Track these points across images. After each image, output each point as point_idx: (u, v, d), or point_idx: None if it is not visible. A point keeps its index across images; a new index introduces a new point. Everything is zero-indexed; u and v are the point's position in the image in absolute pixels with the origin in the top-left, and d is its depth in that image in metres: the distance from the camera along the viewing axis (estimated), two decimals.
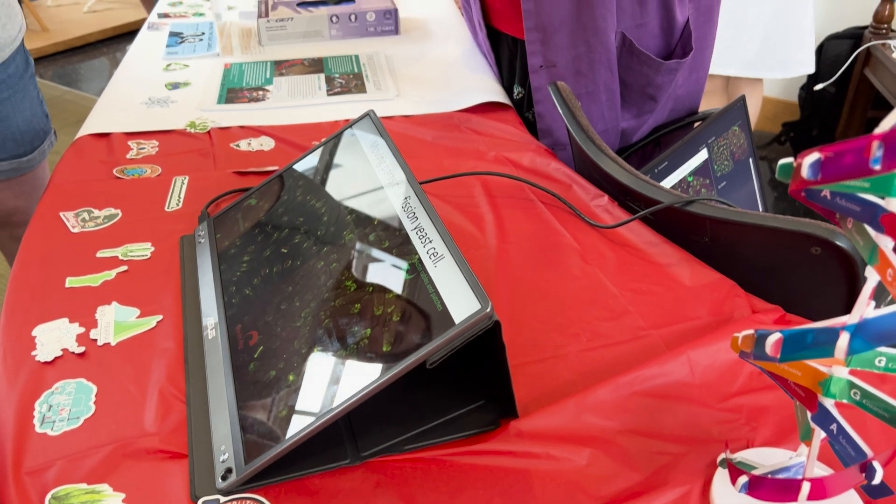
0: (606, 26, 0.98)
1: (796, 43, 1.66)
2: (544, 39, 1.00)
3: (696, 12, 1.05)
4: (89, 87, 3.19)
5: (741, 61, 1.68)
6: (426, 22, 1.38)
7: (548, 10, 0.98)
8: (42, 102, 1.19)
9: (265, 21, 1.26)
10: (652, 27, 1.02)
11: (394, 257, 0.56)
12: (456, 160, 0.91)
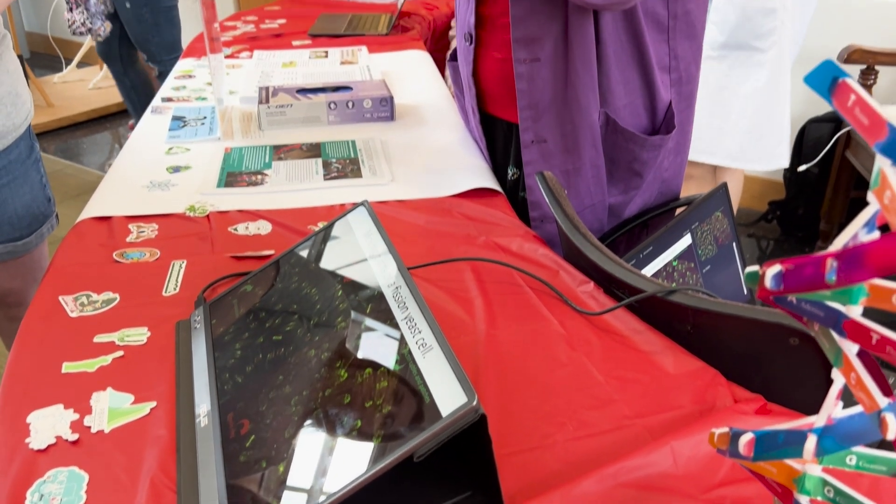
0: (589, 106, 1.03)
1: (775, 138, 1.74)
2: (535, 117, 1.05)
3: (678, 97, 1.10)
4: (90, 160, 3.26)
5: (726, 152, 1.76)
6: (420, 108, 1.43)
7: (538, 90, 1.04)
8: (45, 186, 1.22)
9: (265, 107, 1.31)
10: (636, 107, 1.07)
11: (384, 347, 0.58)
12: (447, 245, 0.93)
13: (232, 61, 1.74)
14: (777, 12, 1.63)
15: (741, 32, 1.66)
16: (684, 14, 1.04)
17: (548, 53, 1.01)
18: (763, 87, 1.69)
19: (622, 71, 1.04)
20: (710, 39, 1.71)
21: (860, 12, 2.26)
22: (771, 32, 1.65)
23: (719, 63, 1.72)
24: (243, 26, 2.10)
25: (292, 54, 1.81)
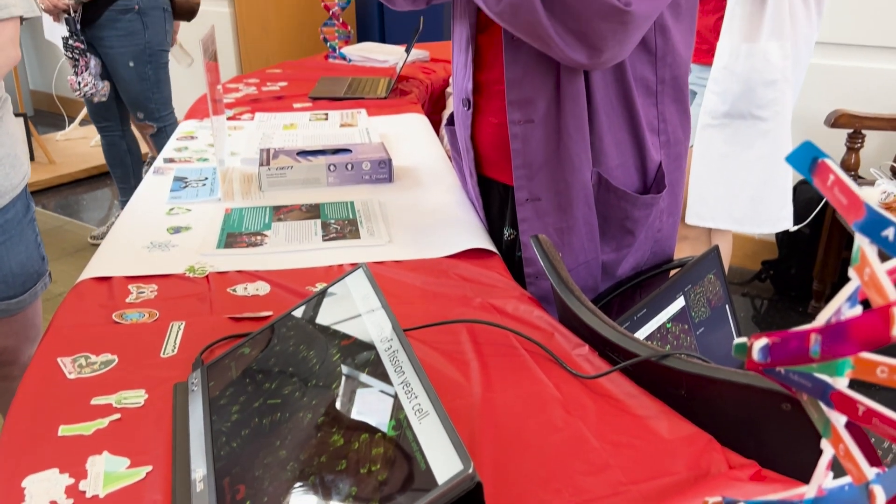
0: (582, 166, 1.06)
1: (779, 203, 1.77)
2: (530, 175, 1.08)
3: (668, 158, 1.13)
4: (90, 217, 3.28)
5: (731, 217, 1.78)
6: (418, 170, 1.46)
7: (532, 150, 1.07)
8: (39, 245, 1.24)
9: (266, 169, 1.33)
10: (628, 167, 1.10)
11: (380, 412, 0.58)
12: (443, 306, 0.95)
13: (234, 123, 1.78)
14: (778, 83, 1.67)
15: (743, 102, 1.71)
16: (672, 79, 1.08)
17: (541, 115, 1.05)
18: (766, 154, 1.72)
19: (614, 132, 1.07)
20: (711, 108, 1.76)
21: (847, 78, 2.33)
22: (773, 102, 1.69)
23: (721, 131, 1.76)
24: (245, 88, 2.15)
25: (293, 116, 1.85)
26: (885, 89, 2.27)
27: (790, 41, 1.66)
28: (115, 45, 2.54)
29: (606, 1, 0.90)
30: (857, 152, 2.14)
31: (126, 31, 2.55)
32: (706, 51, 1.74)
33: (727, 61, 1.70)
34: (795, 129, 2.39)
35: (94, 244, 2.97)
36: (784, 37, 1.65)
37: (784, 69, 1.67)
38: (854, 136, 2.13)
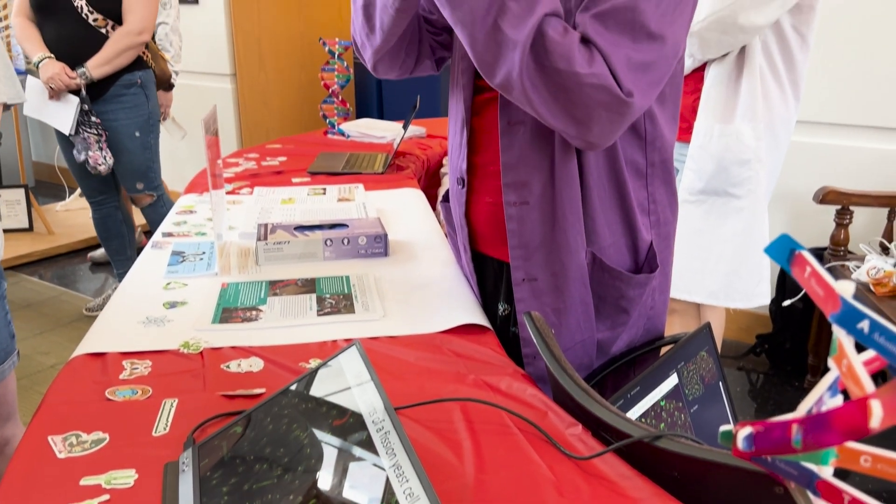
0: (577, 246, 1.08)
1: (755, 278, 1.80)
2: (526, 256, 1.10)
3: (658, 237, 1.15)
4: (86, 287, 3.29)
5: (706, 291, 1.81)
6: (413, 245, 1.48)
7: (528, 231, 1.09)
8: (9, 323, 1.24)
9: (264, 244, 1.35)
10: (620, 246, 1.12)
11: (372, 497, 0.58)
12: (437, 383, 0.95)
13: (233, 197, 1.81)
14: (752, 162, 1.72)
15: (717, 181, 1.75)
16: (661, 162, 1.11)
17: (536, 197, 1.07)
18: (741, 231, 1.76)
19: (605, 213, 1.09)
20: (689, 185, 1.80)
21: (834, 156, 2.39)
22: (747, 181, 1.73)
23: (697, 207, 1.80)
24: (245, 163, 2.20)
25: (291, 191, 1.88)
26: (871, 167, 2.33)
27: (763, 123, 1.71)
28: (121, 117, 2.61)
29: (609, 88, 0.91)
30: (846, 228, 2.18)
31: (132, 104, 2.63)
32: (685, 129, 1.80)
33: (702, 141, 1.75)
34: (785, 206, 2.44)
35: (89, 315, 2.97)
36: (757, 119, 1.70)
37: (757, 149, 1.71)
38: (842, 212, 2.17)
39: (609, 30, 0.91)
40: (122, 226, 2.86)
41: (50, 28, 2.49)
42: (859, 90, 2.31)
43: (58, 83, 2.46)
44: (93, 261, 3.55)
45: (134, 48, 2.56)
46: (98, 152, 2.58)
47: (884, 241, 2.18)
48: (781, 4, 1.61)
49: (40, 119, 2.60)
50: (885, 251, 2.14)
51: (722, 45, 1.66)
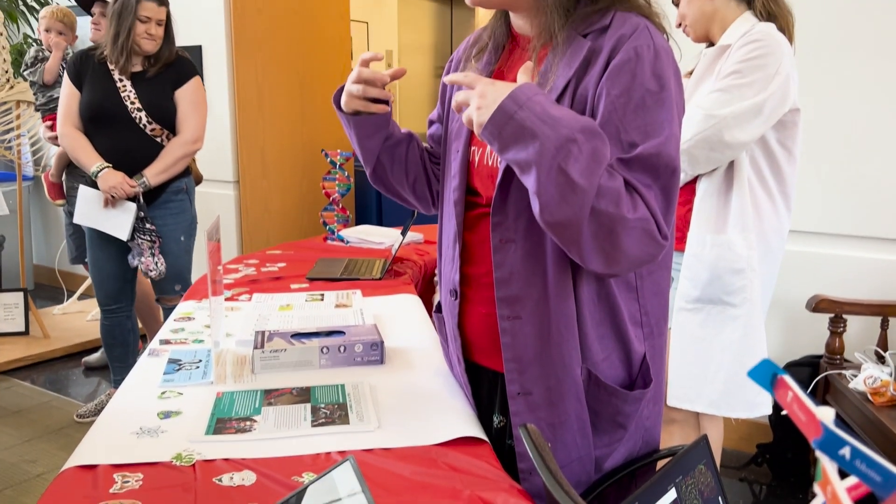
0: (572, 362, 1.08)
1: (755, 388, 1.79)
2: (520, 370, 1.10)
3: (652, 349, 1.16)
4: (78, 392, 3.25)
5: (707, 400, 1.80)
6: (409, 352, 1.49)
7: (522, 345, 1.09)
8: None
9: (260, 352, 1.36)
10: (613, 360, 1.12)
11: None
12: (432, 499, 0.93)
13: (231, 304, 1.83)
14: (745, 272, 1.75)
15: (712, 289, 1.78)
16: (649, 274, 1.12)
17: (529, 312, 1.08)
18: (738, 339, 1.77)
19: (597, 327, 1.10)
20: (684, 293, 1.82)
21: (827, 264, 2.43)
22: (741, 290, 1.76)
23: (694, 315, 1.82)
24: (245, 269, 2.23)
25: (289, 297, 1.90)
26: (862, 276, 2.37)
27: (755, 233, 1.75)
28: (170, 222, 2.66)
29: (651, 233, 0.96)
30: (840, 336, 2.19)
31: (178, 210, 2.70)
32: (679, 239, 1.84)
33: (696, 250, 1.79)
34: (778, 314, 2.46)
35: (80, 422, 2.92)
36: (748, 229, 1.74)
37: (750, 258, 1.75)
38: (836, 320, 2.19)
39: (640, 173, 0.97)
40: (130, 334, 2.85)
41: (104, 138, 2.56)
42: (851, 201, 2.38)
43: (119, 192, 2.51)
44: (87, 365, 3.53)
45: (189, 156, 2.66)
46: (150, 258, 2.60)
47: (879, 350, 2.19)
48: (764, 121, 1.68)
49: (94, 227, 2.62)
50: (881, 360, 2.14)
51: (710, 161, 1.73)
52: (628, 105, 0.97)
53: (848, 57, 2.31)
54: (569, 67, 1.03)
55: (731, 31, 1.76)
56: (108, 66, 2.55)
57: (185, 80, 2.61)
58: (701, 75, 1.81)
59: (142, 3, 2.46)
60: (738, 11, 1.77)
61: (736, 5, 1.78)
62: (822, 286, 2.37)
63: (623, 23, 1.02)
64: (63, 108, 2.59)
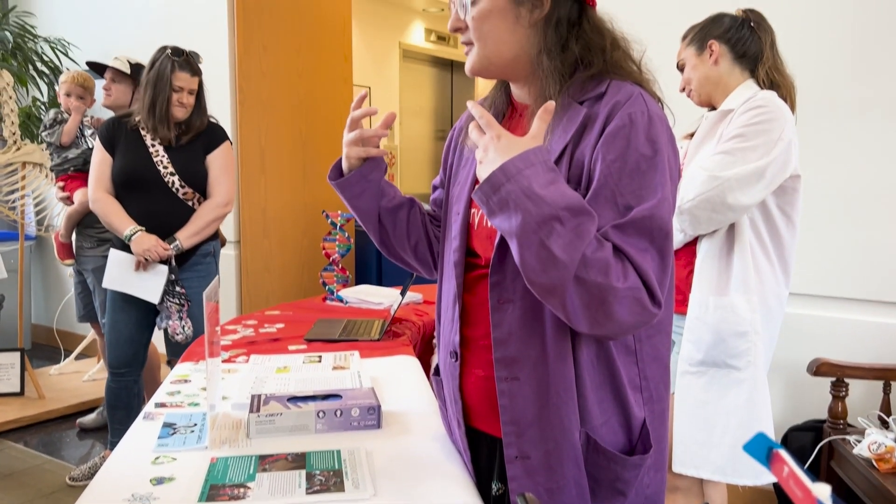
0: (571, 425, 1.06)
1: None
2: (518, 433, 1.08)
3: (652, 415, 1.14)
4: (71, 454, 3.20)
5: (713, 466, 1.77)
6: (407, 416, 1.47)
7: (520, 407, 1.08)
8: None
9: (256, 416, 1.34)
10: (613, 425, 1.10)
11: None
12: None
13: (228, 366, 1.82)
14: (749, 334, 1.75)
15: (716, 352, 1.77)
16: (648, 338, 1.11)
17: (527, 373, 1.08)
18: (743, 403, 1.75)
19: (596, 391, 1.09)
20: (688, 356, 1.81)
21: (828, 327, 2.42)
22: (745, 353, 1.75)
23: (698, 378, 1.80)
24: (243, 330, 2.22)
25: (287, 359, 1.89)
26: (864, 339, 2.36)
27: (757, 296, 1.75)
28: (195, 285, 2.66)
29: (641, 301, 0.97)
30: (842, 400, 2.16)
31: (205, 273, 2.70)
32: (681, 301, 1.84)
33: (698, 312, 1.78)
34: (779, 377, 2.44)
35: (72, 485, 2.87)
36: (750, 291, 1.75)
37: (753, 321, 1.75)
38: (838, 384, 2.17)
39: (634, 237, 0.98)
40: (135, 399, 2.81)
41: (137, 202, 2.58)
42: (852, 264, 2.38)
43: (153, 255, 2.52)
44: (81, 426, 3.48)
45: (220, 219, 2.69)
46: (178, 322, 2.59)
47: (882, 415, 2.16)
48: (766, 185, 1.71)
49: (124, 291, 2.61)
50: (885, 425, 2.11)
51: (712, 222, 1.74)
52: (623, 169, 1.00)
53: (849, 122, 2.35)
54: (566, 133, 1.05)
55: (733, 96, 1.81)
56: (140, 133, 2.60)
57: (216, 145, 2.66)
58: (702, 138, 1.85)
59: (176, 73, 2.52)
60: (741, 78, 1.83)
61: (740, 72, 1.84)
62: (824, 349, 2.35)
63: (618, 90, 1.05)
64: (95, 173, 2.62)
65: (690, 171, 1.74)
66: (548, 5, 1.08)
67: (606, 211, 0.99)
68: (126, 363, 2.73)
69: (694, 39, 1.89)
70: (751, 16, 1.87)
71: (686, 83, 1.92)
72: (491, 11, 1.08)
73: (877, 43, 2.29)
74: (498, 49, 1.10)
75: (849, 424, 2.18)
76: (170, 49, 2.55)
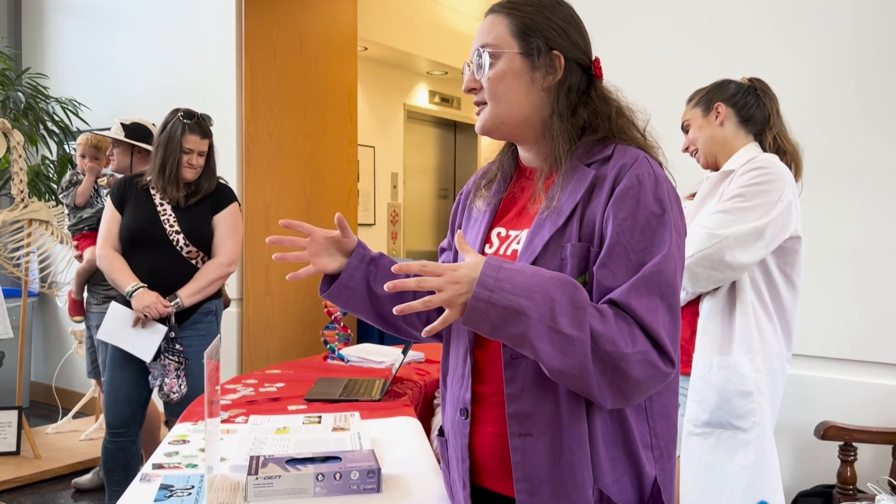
0: (584, 482, 1.05)
1: None
2: (532, 490, 1.07)
3: (662, 472, 1.13)
4: None
5: None
6: (407, 479, 1.45)
7: (533, 463, 1.07)
8: None
9: (254, 478, 1.32)
10: (624, 483, 1.09)
11: None
12: None
13: (227, 426, 1.80)
14: (754, 395, 1.73)
15: (721, 413, 1.75)
16: (657, 395, 1.12)
17: (540, 429, 1.07)
18: (750, 465, 1.72)
19: (608, 448, 1.08)
20: (693, 417, 1.79)
21: (835, 389, 2.39)
22: (751, 413, 1.73)
23: (704, 440, 1.78)
24: (243, 389, 2.20)
25: (287, 419, 1.87)
26: (871, 401, 2.33)
27: (761, 355, 1.74)
28: (195, 343, 2.65)
29: (653, 363, 1.00)
30: (851, 465, 2.12)
31: (206, 331, 2.70)
32: (685, 362, 1.82)
33: (702, 372, 1.77)
34: (786, 441, 2.40)
35: None
36: (754, 350, 1.74)
37: (758, 381, 1.73)
38: (846, 448, 2.13)
39: (644, 296, 1.02)
40: (134, 459, 2.77)
41: (142, 259, 2.60)
42: (858, 325, 2.37)
43: (153, 312, 2.52)
44: (77, 487, 3.42)
45: (223, 278, 2.70)
46: (175, 380, 2.57)
47: (892, 481, 2.12)
48: (765, 245, 1.72)
49: (117, 345, 2.60)
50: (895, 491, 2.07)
51: (711, 280, 1.75)
52: (635, 227, 1.05)
53: (853, 184, 2.37)
54: (575, 193, 1.10)
55: (735, 157, 1.85)
56: (150, 192, 2.64)
57: (224, 205, 2.69)
58: (703, 198, 1.87)
59: (186, 135, 2.57)
60: (745, 141, 1.88)
61: (744, 135, 1.88)
62: (831, 412, 2.32)
63: (624, 153, 1.11)
64: (104, 230, 2.65)
65: (691, 229, 1.76)
66: (561, 72, 1.14)
67: (620, 268, 1.04)
68: (124, 423, 2.70)
69: (700, 101, 1.94)
70: (756, 84, 1.92)
71: (691, 143, 1.95)
72: (507, 73, 1.13)
73: (883, 105, 2.33)
74: (511, 110, 1.14)
75: (859, 490, 2.14)
76: (181, 112, 2.60)
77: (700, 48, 2.66)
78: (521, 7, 1.15)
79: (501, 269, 0.99)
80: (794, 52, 2.47)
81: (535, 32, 1.14)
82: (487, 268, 0.99)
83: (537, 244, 1.10)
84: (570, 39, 1.15)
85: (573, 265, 1.08)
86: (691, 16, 2.70)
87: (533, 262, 1.10)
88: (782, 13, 2.50)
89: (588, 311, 0.99)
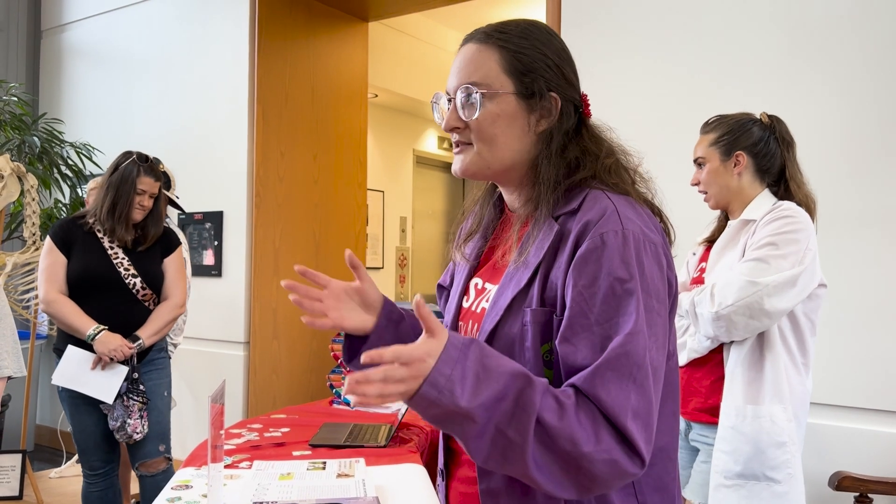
0: None
1: None
2: None
3: None
4: None
5: None
6: None
7: None
8: None
9: None
10: None
11: None
12: None
13: (231, 471, 1.77)
14: (787, 445, 1.70)
15: (755, 463, 1.71)
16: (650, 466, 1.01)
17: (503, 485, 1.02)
18: None
19: None
20: (723, 468, 1.75)
21: (849, 438, 2.35)
22: (785, 464, 1.70)
23: (736, 492, 1.73)
24: (247, 434, 2.18)
25: (291, 465, 1.84)
26: (887, 452, 2.28)
27: (790, 404, 1.72)
28: (154, 378, 2.73)
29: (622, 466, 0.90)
30: None
31: (161, 366, 2.79)
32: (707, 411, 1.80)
33: (734, 422, 1.74)
34: None
35: None
36: (785, 400, 1.72)
37: (790, 431, 1.71)
38: (861, 499, 2.08)
39: (612, 382, 0.90)
40: (120, 497, 2.74)
41: (96, 302, 2.62)
42: (871, 373, 2.34)
43: (119, 355, 2.56)
44: None
45: (175, 319, 2.80)
46: (138, 420, 2.59)
47: None
48: (798, 293, 1.72)
49: (75, 389, 2.58)
50: None
51: (748, 328, 1.73)
52: (596, 296, 0.94)
53: (866, 231, 2.36)
54: (540, 249, 1.02)
55: (753, 207, 1.84)
56: (96, 235, 2.67)
57: (172, 249, 2.81)
58: (724, 245, 1.87)
59: (141, 177, 2.66)
60: (759, 189, 1.87)
61: (759, 184, 1.87)
62: (845, 462, 2.27)
63: (592, 206, 1.00)
64: (48, 274, 2.61)
65: (725, 279, 1.74)
66: (556, 115, 1.05)
67: (584, 343, 0.93)
68: (103, 462, 2.70)
69: (721, 144, 1.88)
70: (776, 125, 1.89)
71: (705, 186, 1.92)
72: (500, 116, 1.03)
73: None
74: (501, 155, 1.05)
75: None
76: (135, 154, 2.71)
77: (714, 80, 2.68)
78: (513, 40, 1.04)
79: (456, 365, 0.88)
80: (810, 92, 2.49)
81: (533, 72, 1.03)
82: (442, 363, 0.87)
83: (501, 305, 1.03)
84: (565, 78, 1.06)
85: (534, 332, 0.99)
86: (704, 50, 2.73)
87: (495, 327, 1.02)
88: (801, 54, 2.53)
89: (534, 415, 0.88)
